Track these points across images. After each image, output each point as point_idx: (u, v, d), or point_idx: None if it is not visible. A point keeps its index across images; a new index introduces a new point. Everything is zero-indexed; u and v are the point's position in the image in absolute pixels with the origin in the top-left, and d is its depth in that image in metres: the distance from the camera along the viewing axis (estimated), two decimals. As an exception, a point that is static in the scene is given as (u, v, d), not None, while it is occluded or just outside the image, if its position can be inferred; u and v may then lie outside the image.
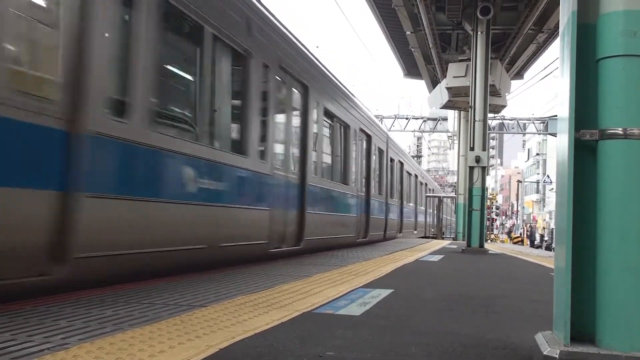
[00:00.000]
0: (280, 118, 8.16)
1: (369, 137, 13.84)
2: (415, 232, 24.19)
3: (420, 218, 25.93)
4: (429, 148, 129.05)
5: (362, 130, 13.06)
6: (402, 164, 19.93)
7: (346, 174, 11.79)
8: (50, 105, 3.75)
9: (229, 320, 3.10)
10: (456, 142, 30.85)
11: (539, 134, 43.13)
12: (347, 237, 12.04)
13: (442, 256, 10.21)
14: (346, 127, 11.68)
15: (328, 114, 10.33)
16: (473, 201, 12.98)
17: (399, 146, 20.32)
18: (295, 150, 8.69)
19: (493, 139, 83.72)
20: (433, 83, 25.40)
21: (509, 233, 56.56)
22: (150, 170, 4.93)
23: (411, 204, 22.88)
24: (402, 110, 62.46)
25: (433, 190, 33.72)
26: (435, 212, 32.82)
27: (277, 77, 7.77)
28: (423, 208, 27.15)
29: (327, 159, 10.79)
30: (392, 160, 17.51)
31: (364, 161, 13.56)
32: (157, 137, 4.89)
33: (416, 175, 24.49)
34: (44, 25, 3.87)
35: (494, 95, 18.48)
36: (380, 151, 15.62)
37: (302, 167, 8.79)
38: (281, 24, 8.07)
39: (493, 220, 48.80)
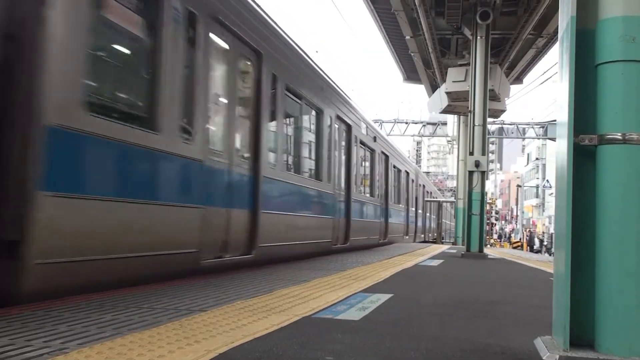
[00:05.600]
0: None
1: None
2: (430, 235, 29.70)
3: (428, 223, 30.48)
4: (429, 152, 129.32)
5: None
6: (424, 186, 26.72)
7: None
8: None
9: (229, 324, 3.09)
10: (455, 146, 30.88)
11: (539, 138, 43.26)
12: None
13: (441, 261, 10.20)
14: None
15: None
16: (472, 206, 12.98)
17: (424, 175, 30.15)
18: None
19: (492, 144, 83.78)
20: (432, 88, 25.45)
21: (500, 237, 54.83)
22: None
23: (427, 214, 28.87)
24: (401, 114, 62.60)
25: (432, 194, 33.95)
26: (435, 216, 33.20)
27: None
28: (434, 216, 32.98)
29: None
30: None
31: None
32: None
33: (430, 192, 30.97)
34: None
35: (494, 100, 18.51)
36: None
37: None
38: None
39: (492, 224, 48.67)
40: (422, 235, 26.34)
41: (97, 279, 4.31)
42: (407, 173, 21.65)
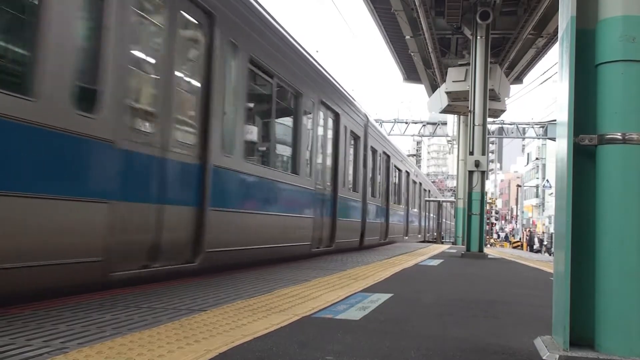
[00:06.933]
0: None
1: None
2: (435, 234, 32.87)
3: (431, 223, 33.66)
4: (429, 152, 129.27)
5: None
6: (429, 191, 30.43)
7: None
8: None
9: (228, 324, 3.10)
10: (455, 146, 30.88)
11: (539, 138, 43.22)
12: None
13: (441, 260, 10.20)
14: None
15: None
16: (472, 205, 12.98)
17: (431, 183, 35.77)
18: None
19: (492, 144, 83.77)
20: (432, 87, 25.43)
21: (498, 236, 53.53)
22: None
23: (432, 215, 32.36)
24: (401, 114, 62.48)
25: (433, 196, 34.18)
26: (435, 216, 33.38)
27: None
28: (439, 217, 36.27)
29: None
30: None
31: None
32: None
33: (434, 196, 34.56)
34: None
35: (494, 100, 18.48)
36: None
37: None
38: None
39: (492, 224, 48.57)
40: (427, 235, 27.79)
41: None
42: (421, 184, 26.48)
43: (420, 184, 26.49)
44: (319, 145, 9.95)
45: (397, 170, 19.38)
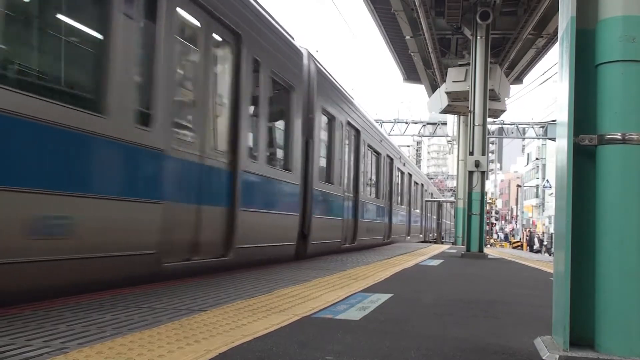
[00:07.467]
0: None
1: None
2: (430, 235, 34.24)
3: (431, 223, 35.19)
4: (429, 152, 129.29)
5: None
6: (422, 185, 30.37)
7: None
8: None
9: (228, 324, 3.10)
10: (455, 146, 30.90)
11: (539, 138, 43.24)
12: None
13: (441, 261, 10.20)
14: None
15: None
16: (472, 206, 12.99)
17: (426, 178, 35.27)
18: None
19: (492, 144, 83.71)
20: (432, 88, 25.44)
21: (498, 236, 52.40)
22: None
23: (428, 214, 32.76)
24: (401, 114, 62.49)
25: (425, 189, 34.46)
26: (436, 216, 33.47)
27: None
28: (439, 217, 37.09)
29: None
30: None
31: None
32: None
33: (440, 201, 36.94)
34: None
35: (494, 100, 18.47)
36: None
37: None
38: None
39: (492, 224, 48.56)
40: (420, 236, 27.98)
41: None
42: (410, 175, 25.84)
43: (410, 175, 22.97)
44: (187, 80, 5.88)
45: (373, 153, 14.90)
